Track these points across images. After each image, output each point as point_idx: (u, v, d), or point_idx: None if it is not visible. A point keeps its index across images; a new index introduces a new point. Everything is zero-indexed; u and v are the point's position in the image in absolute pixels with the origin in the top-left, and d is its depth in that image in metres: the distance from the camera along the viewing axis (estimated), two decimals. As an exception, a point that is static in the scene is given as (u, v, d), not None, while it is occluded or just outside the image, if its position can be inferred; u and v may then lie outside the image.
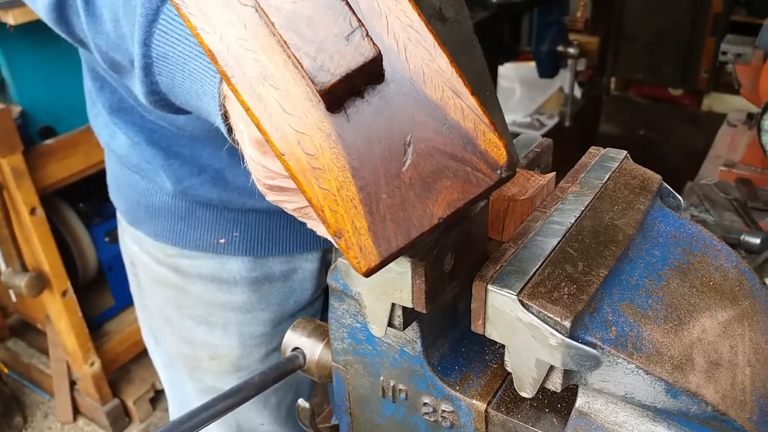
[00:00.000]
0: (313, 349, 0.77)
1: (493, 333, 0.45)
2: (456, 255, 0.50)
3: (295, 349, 0.77)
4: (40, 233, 1.80)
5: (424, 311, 0.48)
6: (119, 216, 0.94)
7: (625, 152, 0.60)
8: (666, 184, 0.59)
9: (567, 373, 0.44)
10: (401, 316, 0.51)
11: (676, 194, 0.59)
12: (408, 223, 0.37)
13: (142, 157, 0.83)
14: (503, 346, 0.46)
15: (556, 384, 0.44)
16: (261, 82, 0.39)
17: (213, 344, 0.96)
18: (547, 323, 0.42)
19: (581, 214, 0.51)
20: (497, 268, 0.45)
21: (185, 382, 1.04)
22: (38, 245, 1.80)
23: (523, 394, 0.47)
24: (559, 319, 0.42)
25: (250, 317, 0.94)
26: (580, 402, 0.50)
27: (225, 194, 0.80)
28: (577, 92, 2.87)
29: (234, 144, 0.52)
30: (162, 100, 0.60)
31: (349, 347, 0.66)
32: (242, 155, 0.51)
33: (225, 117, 0.52)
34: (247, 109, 0.39)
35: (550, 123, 2.61)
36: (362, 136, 0.38)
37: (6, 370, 2.37)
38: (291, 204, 0.51)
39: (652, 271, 0.49)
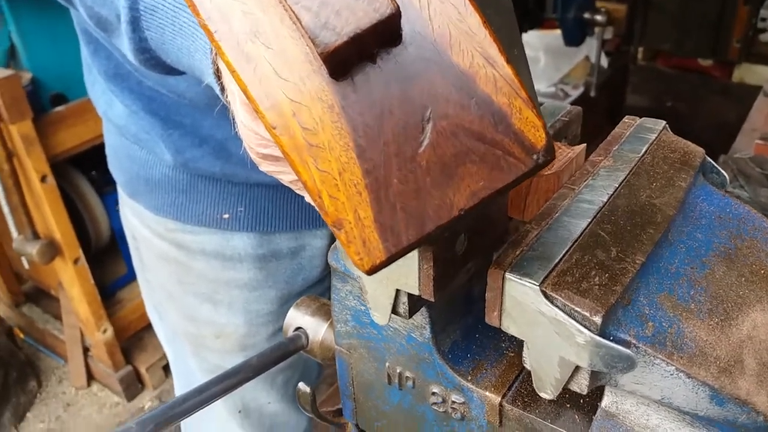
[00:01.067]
0: (316, 329, 0.72)
1: (510, 327, 0.40)
2: (470, 236, 0.44)
3: (298, 328, 0.73)
4: (51, 201, 1.77)
5: (432, 299, 0.43)
6: (119, 188, 0.89)
7: (664, 123, 0.53)
8: (709, 159, 0.52)
9: (594, 374, 0.39)
10: (407, 304, 0.45)
11: (721, 170, 0.52)
12: (422, 214, 0.31)
13: (140, 126, 0.77)
14: (522, 338, 0.41)
15: (581, 386, 0.39)
16: (251, 40, 0.33)
17: (218, 322, 0.92)
18: (574, 318, 0.36)
19: (615, 191, 0.45)
20: (517, 253, 0.40)
21: (189, 360, 1.00)
22: (49, 213, 1.78)
23: (544, 395, 0.41)
24: (588, 314, 0.36)
25: (256, 295, 0.90)
26: (607, 401, 0.44)
27: (228, 167, 0.75)
28: (604, 62, 2.76)
29: (227, 105, 0.47)
30: (152, 59, 0.54)
31: (352, 330, 0.61)
32: (233, 119, 0.45)
33: (218, 75, 0.46)
34: (233, 71, 0.33)
35: (575, 93, 2.51)
36: (372, 109, 0.32)
37: (21, 336, 2.38)
38: (287, 176, 0.45)
39: (695, 258, 0.43)
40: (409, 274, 0.42)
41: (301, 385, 0.68)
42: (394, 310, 0.47)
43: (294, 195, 0.80)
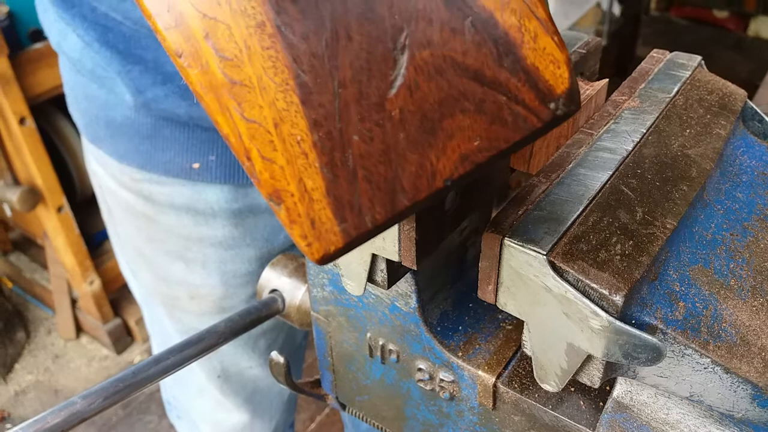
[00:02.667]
0: (293, 292, 0.65)
1: (508, 304, 0.32)
2: (463, 191, 0.36)
3: (273, 291, 0.66)
4: (31, 145, 1.68)
5: (415, 267, 0.35)
6: (81, 132, 0.80)
7: (699, 58, 0.44)
8: (752, 104, 0.44)
9: (610, 365, 0.31)
10: (385, 271, 0.38)
11: (765, 116, 0.44)
12: (393, 185, 0.23)
13: (96, 61, 0.68)
14: (522, 318, 0.33)
15: (593, 378, 0.32)
16: None
17: (192, 283, 0.84)
18: (589, 297, 0.29)
19: (641, 138, 0.36)
20: (520, 212, 0.32)
21: (164, 321, 0.93)
22: (29, 158, 1.69)
23: (546, 387, 0.34)
24: (606, 292, 0.28)
25: (232, 254, 0.82)
26: (619, 390, 0.37)
27: (196, 109, 0.66)
28: (616, 9, 2.62)
29: None
30: None
31: (330, 296, 0.54)
32: None
33: None
34: None
35: (585, 42, 2.38)
36: (321, 30, 0.22)
37: (10, 285, 2.33)
38: None
39: (735, 222, 0.35)
40: (386, 236, 0.34)
41: (274, 354, 0.62)
42: (371, 279, 0.39)
43: None
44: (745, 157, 0.40)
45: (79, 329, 2.17)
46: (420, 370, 0.51)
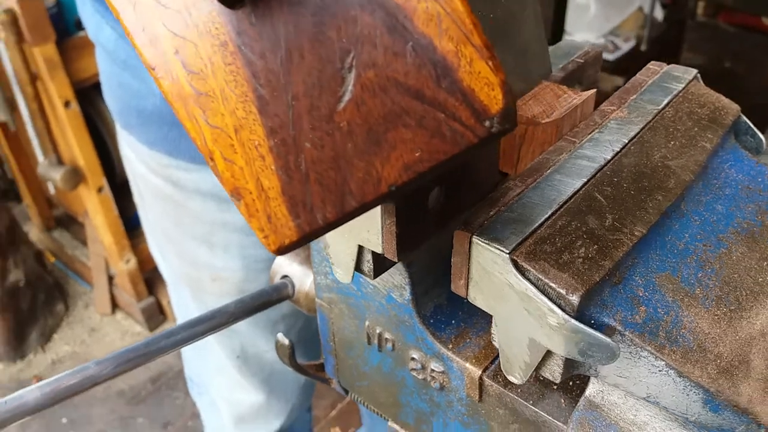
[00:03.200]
0: (303, 279, 0.67)
1: (477, 298, 0.34)
2: (450, 191, 0.38)
3: (285, 276, 0.69)
4: (75, 127, 1.75)
5: (395, 259, 0.37)
6: (114, 119, 0.85)
7: (695, 71, 0.45)
8: (745, 118, 0.44)
9: (570, 362, 0.33)
10: (371, 262, 0.40)
11: (758, 131, 0.44)
12: (342, 188, 0.25)
13: (129, 52, 0.72)
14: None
15: (554, 373, 0.33)
16: None
17: (215, 266, 0.88)
18: (547, 295, 0.31)
19: (623, 148, 0.38)
20: (491, 213, 0.34)
21: (189, 302, 0.98)
22: (73, 139, 1.77)
23: (512, 379, 0.36)
24: (563, 292, 0.30)
25: (253, 239, 0.85)
26: (591, 390, 0.39)
27: None
28: (659, 14, 2.57)
29: None
30: None
31: (332, 284, 0.56)
32: None
33: None
34: None
35: (626, 47, 2.35)
36: (276, 50, 0.25)
37: (52, 259, 2.43)
38: None
39: (710, 234, 0.36)
40: (371, 228, 0.37)
41: (280, 336, 0.65)
42: (358, 269, 0.41)
43: None
44: (732, 170, 0.41)
45: (114, 305, 2.25)
46: (413, 359, 0.53)
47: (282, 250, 0.26)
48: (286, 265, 0.69)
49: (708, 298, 0.34)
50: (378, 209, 0.36)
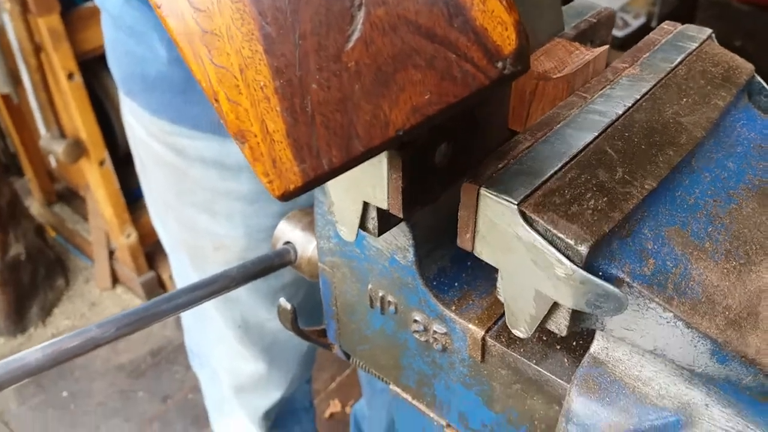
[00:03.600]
0: (305, 245, 0.67)
1: (483, 252, 0.34)
2: (459, 146, 0.38)
3: (287, 243, 0.68)
4: (78, 99, 1.74)
5: (400, 216, 0.37)
6: (118, 86, 0.84)
7: (709, 30, 0.44)
8: (759, 78, 0.44)
9: (576, 314, 0.33)
10: (375, 219, 0.40)
11: (772, 92, 0.44)
12: (349, 131, 0.25)
13: (134, 17, 0.71)
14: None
15: (560, 326, 0.33)
16: None
17: (217, 234, 0.88)
18: (555, 246, 0.30)
19: (634, 104, 0.37)
20: (500, 166, 0.33)
21: (189, 271, 0.97)
22: (76, 112, 1.76)
23: (517, 333, 0.36)
24: (572, 242, 0.30)
25: (256, 208, 0.85)
26: (596, 346, 0.38)
27: None
28: (670, -9, 2.54)
29: None
30: None
31: (335, 248, 0.56)
32: None
33: None
34: None
35: (635, 23, 2.33)
36: None
37: (53, 234, 2.43)
38: None
39: (721, 190, 0.36)
40: (376, 184, 0.36)
41: (282, 301, 0.64)
42: (363, 226, 0.41)
43: None
44: (744, 129, 0.41)
45: (115, 280, 2.26)
46: (415, 321, 0.53)
47: (287, 196, 0.26)
48: (289, 232, 0.69)
49: (717, 251, 0.33)
50: (384, 164, 0.35)
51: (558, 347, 0.47)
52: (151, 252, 2.20)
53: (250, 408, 1.11)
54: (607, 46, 0.41)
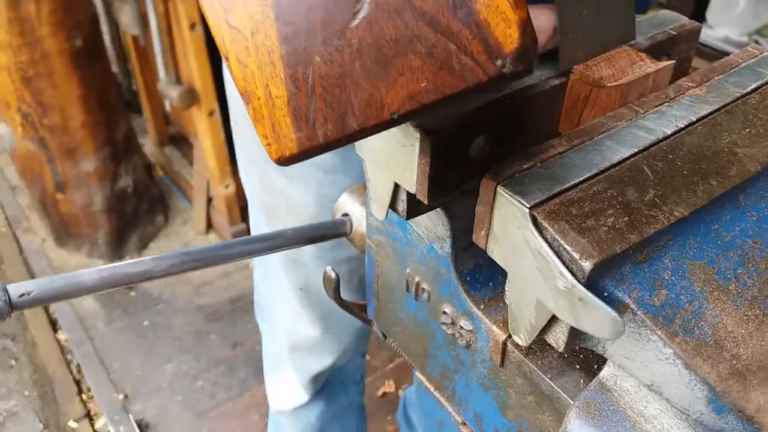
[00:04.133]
0: (361, 220, 0.68)
1: (495, 251, 0.33)
2: (498, 141, 0.37)
3: (345, 215, 0.70)
4: (196, 49, 1.84)
5: (426, 202, 0.37)
6: None
7: (803, 61, 0.41)
8: None
9: (576, 331, 0.32)
10: (405, 201, 0.40)
11: None
12: (346, 108, 0.25)
13: None
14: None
15: (558, 341, 0.32)
16: None
17: (291, 197, 0.91)
18: (560, 257, 0.29)
19: (689, 125, 0.35)
20: (525, 166, 0.32)
21: (263, 227, 1.02)
22: (193, 61, 1.86)
23: (517, 340, 0.35)
24: (577, 256, 0.29)
25: (330, 179, 0.87)
26: (606, 372, 0.37)
27: None
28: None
29: None
30: None
31: (382, 226, 0.57)
32: None
33: None
34: None
35: (776, 48, 2.14)
36: None
37: (161, 173, 2.60)
38: None
39: (765, 233, 0.33)
40: (407, 167, 0.37)
41: (328, 269, 0.66)
42: (393, 207, 0.41)
43: None
44: (817, 173, 0.37)
45: (209, 225, 2.38)
46: (445, 313, 0.53)
47: (283, 161, 0.27)
48: (349, 204, 0.70)
49: (742, 296, 0.31)
50: (416, 148, 0.35)
51: (578, 367, 0.45)
52: (246, 206, 2.30)
53: (301, 369, 1.14)
54: (672, 61, 0.38)
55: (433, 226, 0.49)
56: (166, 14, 1.79)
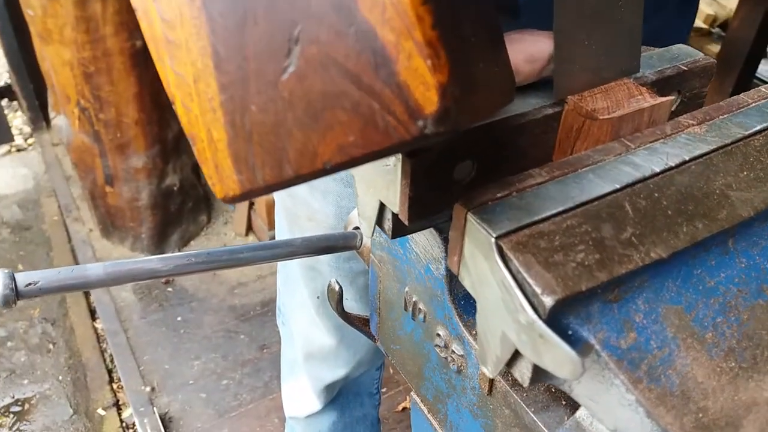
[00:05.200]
0: (372, 235, 0.68)
1: (465, 279, 0.33)
2: (488, 168, 0.37)
3: (356, 228, 0.70)
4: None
5: (407, 223, 0.36)
6: None
7: (820, 105, 0.39)
8: None
9: (540, 369, 0.31)
10: (391, 221, 0.40)
11: None
12: (281, 155, 0.26)
13: None
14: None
15: (523, 376, 0.31)
16: None
17: (312, 206, 0.92)
18: (523, 290, 0.29)
19: (680, 164, 0.34)
20: (498, 195, 0.32)
21: (285, 234, 1.03)
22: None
23: (485, 371, 0.34)
24: (539, 290, 0.28)
25: (350, 191, 0.88)
26: (582, 412, 0.36)
27: None
28: None
29: None
30: None
31: (384, 243, 0.57)
32: None
33: None
34: None
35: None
36: (235, 11, 0.26)
37: (209, 174, 2.66)
38: None
39: (752, 281, 0.32)
40: (391, 187, 0.36)
41: (332, 282, 0.66)
42: (379, 224, 0.41)
43: None
44: (822, 223, 0.35)
45: (249, 228, 2.42)
46: (438, 335, 0.52)
47: (228, 200, 0.28)
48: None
49: (718, 346, 0.30)
50: (398, 169, 0.35)
51: (564, 402, 0.44)
52: (284, 211, 2.33)
53: (315, 377, 1.15)
54: (672, 97, 0.37)
55: (429, 246, 0.49)
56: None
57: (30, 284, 0.52)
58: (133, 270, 0.57)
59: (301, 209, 0.94)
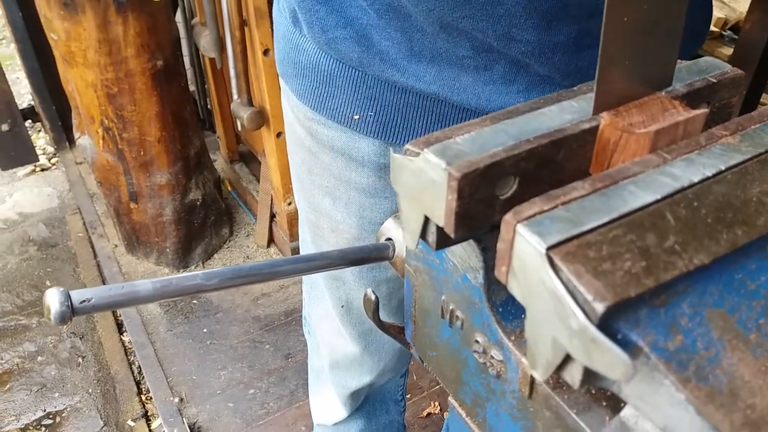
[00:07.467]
0: (403, 246, 0.70)
1: (514, 288, 0.35)
2: (529, 183, 0.39)
3: (389, 239, 0.72)
4: (268, 74, 1.92)
5: (452, 236, 0.38)
6: (277, 67, 0.93)
7: None
8: None
9: (590, 371, 0.32)
10: (435, 234, 0.42)
11: None
12: None
13: (292, 2, 0.79)
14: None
15: (573, 378, 0.33)
16: None
17: (335, 218, 0.94)
18: (574, 298, 0.30)
19: (717, 174, 0.35)
20: (545, 207, 0.34)
21: (309, 246, 1.05)
22: (265, 85, 1.94)
23: (535, 375, 0.36)
24: (590, 298, 0.30)
25: (372, 201, 0.90)
26: (627, 411, 0.37)
27: (366, 56, 0.74)
28: None
29: None
30: None
31: (419, 253, 0.59)
32: None
33: None
34: None
35: None
36: None
37: (229, 188, 2.70)
38: None
39: (792, 284, 0.33)
40: (435, 201, 0.38)
41: (368, 291, 0.68)
42: (423, 237, 0.43)
43: (422, 112, 0.77)
44: None
45: (270, 240, 2.45)
46: (477, 342, 0.54)
47: None
48: (393, 229, 0.72)
49: (762, 346, 0.31)
50: (444, 184, 0.37)
51: (605, 404, 0.45)
52: (304, 222, 2.35)
53: (340, 385, 1.17)
54: (706, 110, 0.39)
55: (467, 256, 0.50)
56: (242, 40, 1.88)
57: (84, 301, 0.54)
58: (179, 285, 0.59)
59: (324, 221, 0.96)
